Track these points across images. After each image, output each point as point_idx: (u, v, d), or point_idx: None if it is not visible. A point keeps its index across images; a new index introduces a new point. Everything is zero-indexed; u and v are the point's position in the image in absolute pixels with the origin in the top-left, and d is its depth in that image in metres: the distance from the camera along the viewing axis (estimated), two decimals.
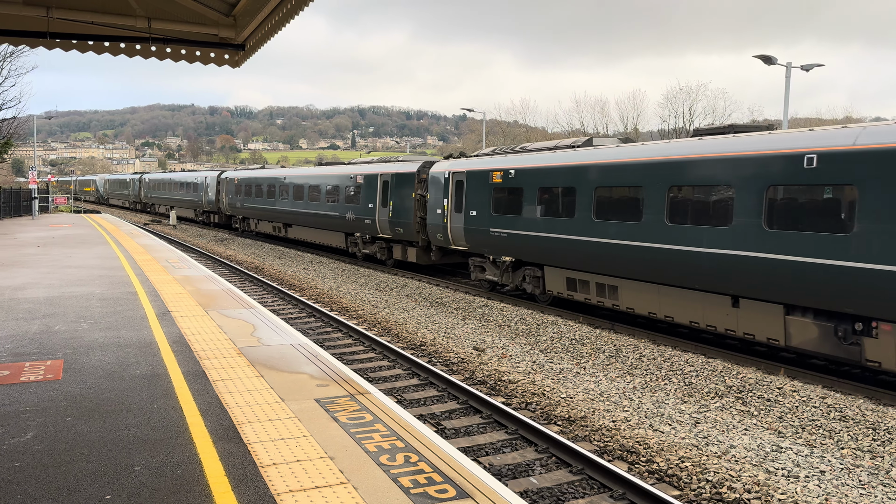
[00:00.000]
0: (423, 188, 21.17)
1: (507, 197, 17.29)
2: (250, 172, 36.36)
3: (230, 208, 38.70)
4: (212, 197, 41.57)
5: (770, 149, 10.98)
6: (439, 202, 19.98)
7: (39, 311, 10.76)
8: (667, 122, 56.86)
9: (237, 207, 37.39)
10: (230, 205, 38.47)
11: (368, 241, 24.78)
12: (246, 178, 36.08)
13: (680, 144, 13.01)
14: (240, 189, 36.66)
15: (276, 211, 32.01)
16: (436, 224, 20.17)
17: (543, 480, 7.17)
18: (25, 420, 5.89)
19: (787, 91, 27.47)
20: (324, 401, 6.57)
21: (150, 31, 8.04)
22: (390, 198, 22.38)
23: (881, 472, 7.31)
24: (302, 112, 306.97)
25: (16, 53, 38.08)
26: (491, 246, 17.96)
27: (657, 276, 13.05)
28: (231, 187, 38.05)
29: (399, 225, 22.03)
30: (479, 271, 18.94)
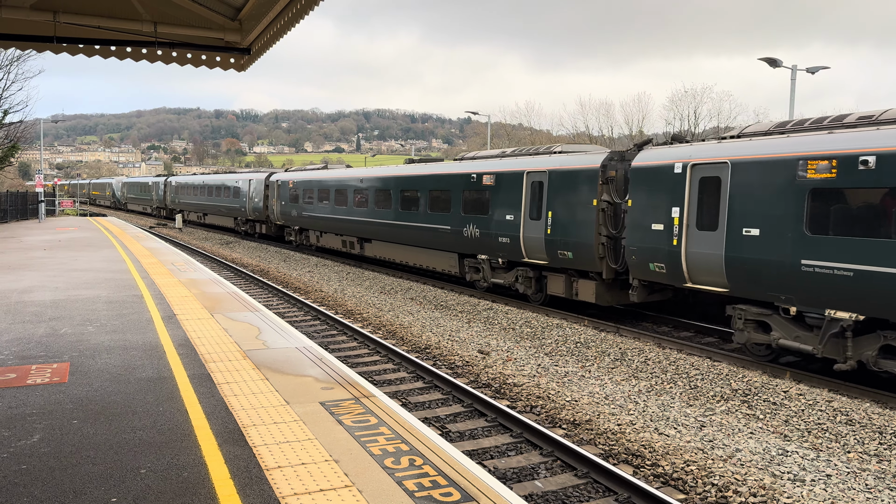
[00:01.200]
0: (611, 190, 14.70)
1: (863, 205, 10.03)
2: (311, 174, 29.91)
3: (283, 217, 32.09)
4: (258, 203, 35.29)
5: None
6: (658, 212, 13.16)
7: (46, 313, 10.80)
8: (672, 124, 56.80)
9: (292, 216, 30.85)
10: (283, 213, 31.93)
11: (501, 267, 17.96)
12: (306, 181, 29.50)
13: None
14: (297, 194, 30.37)
15: (350, 222, 25.57)
16: (650, 247, 13.27)
17: (548, 484, 7.16)
18: (32, 423, 5.91)
19: (793, 93, 27.41)
20: (329, 404, 6.58)
21: (156, 36, 8.07)
22: (547, 206, 15.84)
23: (888, 476, 7.28)
24: (307, 115, 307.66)
25: (23, 58, 38.30)
26: (819, 291, 10.42)
27: None
28: (285, 192, 31.68)
29: (564, 246, 15.37)
30: (753, 329, 11.75)
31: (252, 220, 37.58)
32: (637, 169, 13.84)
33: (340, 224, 26.41)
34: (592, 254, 14.74)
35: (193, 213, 48.41)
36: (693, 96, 56.77)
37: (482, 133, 70.49)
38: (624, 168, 14.72)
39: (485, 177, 18.08)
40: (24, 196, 44.40)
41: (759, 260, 11.19)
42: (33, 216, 43.71)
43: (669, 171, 13.04)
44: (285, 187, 31.91)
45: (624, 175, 14.71)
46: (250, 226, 38.22)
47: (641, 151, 14.13)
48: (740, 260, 11.52)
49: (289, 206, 31.35)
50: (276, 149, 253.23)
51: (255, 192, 35.90)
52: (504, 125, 73.54)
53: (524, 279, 17.08)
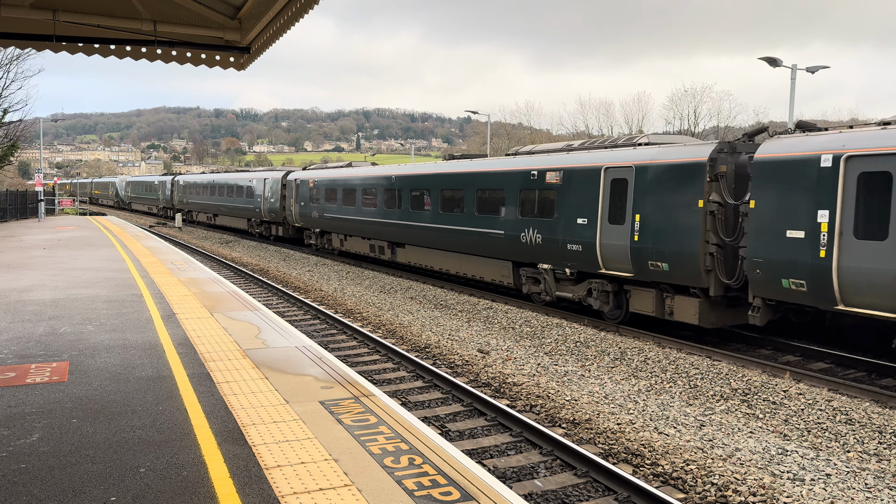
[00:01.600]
0: (721, 189, 12.22)
1: None
2: (334, 172, 27.72)
3: (302, 219, 29.97)
4: (274, 204, 33.17)
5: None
6: (796, 216, 10.90)
7: (45, 312, 10.80)
8: (672, 124, 56.81)
9: (313, 218, 28.76)
10: (303, 215, 29.76)
11: (568, 279, 15.43)
12: (329, 180, 27.44)
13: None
14: (317, 194, 28.26)
15: (379, 225, 23.43)
16: (783, 259, 11.03)
17: (548, 483, 7.16)
18: (31, 422, 5.91)
19: (793, 93, 27.41)
20: (328, 403, 6.57)
21: (155, 35, 8.07)
22: (634, 208, 13.54)
23: (887, 476, 7.28)
24: (307, 114, 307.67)
25: (22, 56, 38.30)
26: None
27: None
28: (304, 192, 29.63)
29: (657, 255, 13.01)
30: None
31: (267, 222, 35.37)
32: (763, 163, 11.37)
33: (368, 227, 24.25)
34: (697, 265, 12.22)
35: (203, 214, 45.80)
36: (693, 96, 56.87)
37: (482, 132, 70.48)
38: (734, 162, 12.35)
39: (549, 174, 15.67)
40: (24, 195, 44.41)
41: None
42: (33, 215, 43.71)
43: (813, 165, 10.68)
44: (305, 187, 29.72)
45: (734, 171, 12.35)
46: (265, 228, 36.05)
47: (769, 141, 11.66)
48: None
49: (309, 207, 29.17)
50: (275, 148, 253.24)
51: (270, 191, 33.84)
52: (504, 124, 73.57)
53: (600, 293, 14.52)
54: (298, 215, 30.45)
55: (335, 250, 28.30)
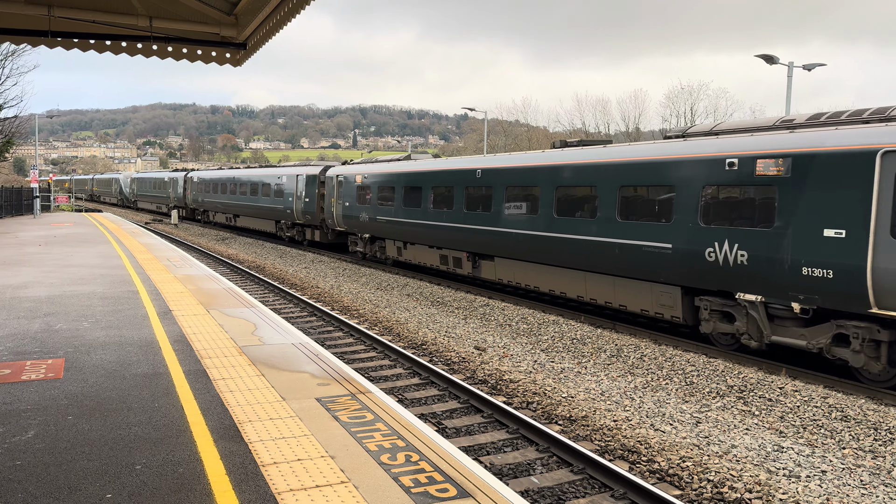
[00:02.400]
0: None
1: None
2: (388, 166, 23.58)
3: (347, 222, 25.89)
4: (309, 204, 29.07)
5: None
6: None
7: (41, 309, 10.77)
8: (668, 121, 56.86)
9: (361, 222, 24.54)
10: (348, 217, 25.67)
11: (793, 318, 10.87)
12: (383, 176, 23.21)
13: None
14: (368, 193, 23.96)
15: (455, 231, 18.98)
16: None
17: (544, 480, 7.17)
18: (27, 419, 5.89)
19: (789, 91, 27.44)
20: (325, 400, 6.57)
21: (151, 30, 8.04)
22: None
23: (882, 472, 7.30)
24: (303, 111, 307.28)
25: (17, 52, 38.18)
26: None
27: None
28: (349, 190, 25.38)
29: None
30: None
31: (301, 225, 30.96)
32: None
33: (440, 233, 19.60)
34: None
35: (221, 215, 41.69)
36: (689, 93, 56.91)
37: (479, 129, 70.45)
38: None
39: (761, 162, 11.05)
40: (19, 192, 44.26)
41: None
42: (28, 212, 43.58)
43: None
44: (350, 184, 25.44)
45: None
46: (298, 231, 31.50)
47: None
48: None
49: (356, 209, 24.91)
50: (272, 145, 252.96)
51: (305, 190, 29.39)
52: (501, 121, 73.54)
53: (866, 344, 9.90)
54: (341, 217, 26.17)
55: (389, 260, 23.61)
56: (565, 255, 15.22)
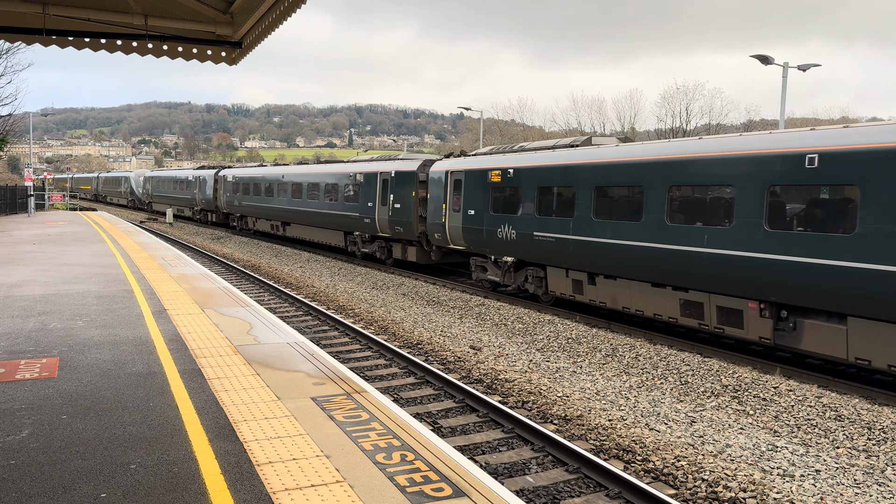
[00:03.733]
0: None
1: None
2: (561, 156, 15.70)
3: (469, 239, 18.40)
4: (402, 212, 21.80)
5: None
6: None
7: (35, 308, 10.73)
8: (664, 121, 56.95)
9: (501, 240, 17.11)
10: (470, 231, 18.31)
11: None
12: (553, 171, 15.70)
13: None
14: (511, 197, 16.87)
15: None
16: None
17: (539, 479, 7.17)
18: (21, 418, 5.87)
19: (784, 91, 27.51)
20: (320, 399, 6.56)
21: (146, 29, 8.02)
22: None
23: (876, 472, 7.33)
24: (299, 110, 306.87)
25: (12, 50, 38.07)
26: None
27: None
28: (478, 193, 18.03)
29: None
30: None
31: (386, 239, 23.55)
32: None
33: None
34: None
35: (265, 222, 34.19)
36: (685, 93, 56.98)
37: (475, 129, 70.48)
38: None
39: None
40: (14, 190, 44.09)
41: None
42: (22, 210, 43.43)
43: None
44: (479, 184, 17.96)
45: None
46: (380, 247, 23.92)
47: None
48: None
49: (489, 219, 17.52)
50: (267, 143, 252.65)
51: (393, 192, 22.26)
52: (497, 121, 73.54)
53: None
54: (461, 231, 18.67)
55: (550, 297, 16.33)
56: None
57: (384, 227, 22.90)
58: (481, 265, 18.59)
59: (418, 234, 21.30)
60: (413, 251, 22.06)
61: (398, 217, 22.01)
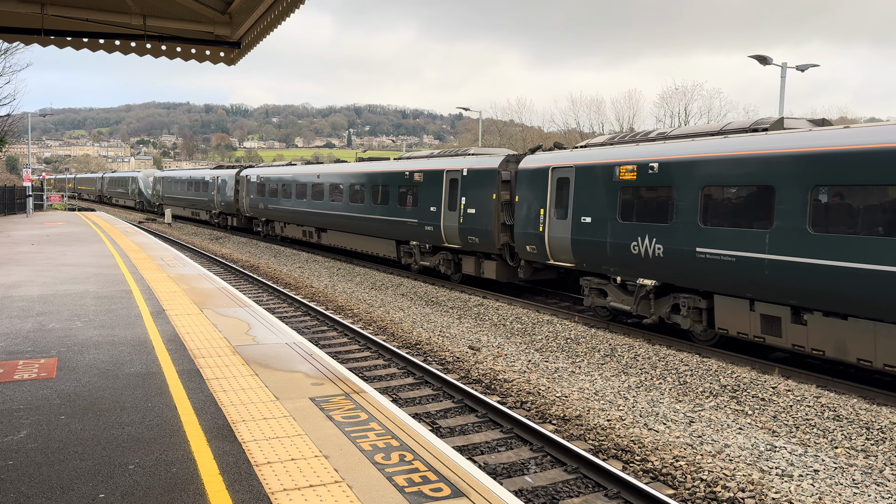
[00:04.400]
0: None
1: None
2: (680, 147, 12.52)
3: (591, 252, 14.35)
4: (480, 219, 17.84)
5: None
6: None
7: (33, 309, 10.72)
8: (662, 121, 56.99)
9: (605, 255, 13.93)
10: (582, 247, 14.55)
11: None
12: (689, 163, 12.14)
13: None
14: (637, 200, 13.28)
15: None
16: None
17: (538, 479, 7.18)
18: (19, 418, 5.86)
19: (783, 91, 27.55)
20: (319, 399, 6.56)
21: (145, 29, 8.01)
22: None
23: (875, 472, 7.33)
24: (298, 110, 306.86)
25: (10, 50, 38.04)
26: None
27: None
28: (602, 193, 14.06)
29: None
30: None
31: (452, 250, 19.56)
32: None
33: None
34: None
35: (296, 227, 30.20)
36: (683, 93, 57.06)
37: (473, 129, 70.51)
38: None
39: None
40: (12, 190, 44.06)
41: None
42: (21, 211, 43.39)
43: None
44: (596, 180, 14.16)
45: None
46: (445, 261, 19.96)
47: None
48: None
49: (643, 231, 12.99)
50: (266, 144, 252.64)
51: (473, 192, 18.13)
52: (495, 121, 73.57)
53: None
54: (584, 244, 14.44)
55: (718, 335, 12.27)
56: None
57: (452, 236, 18.99)
58: (598, 288, 14.56)
59: (500, 245, 17.42)
60: (492, 266, 17.91)
61: (472, 224, 18.07)
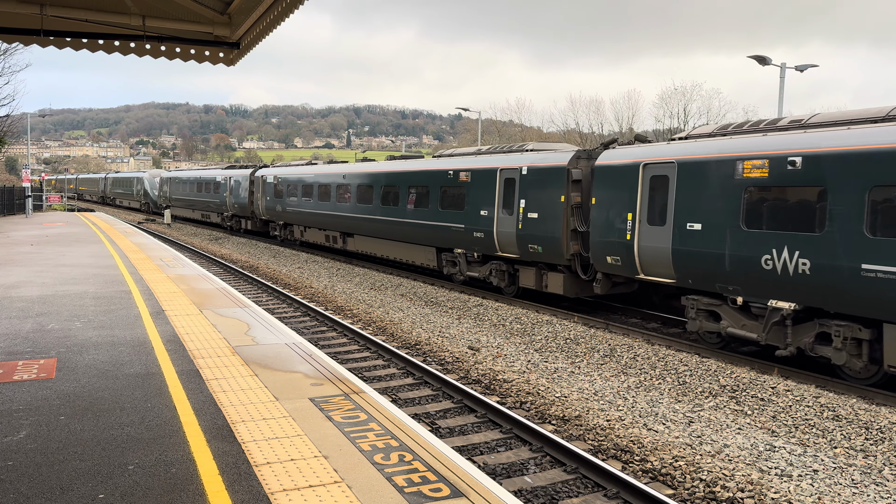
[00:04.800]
0: None
1: None
2: (835, 137, 10.13)
3: (682, 267, 12.35)
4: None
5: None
6: None
7: (33, 309, 10.72)
8: (662, 121, 57.02)
9: (722, 270, 11.60)
10: (687, 259, 12.23)
11: None
12: (851, 156, 9.77)
13: None
14: (770, 203, 10.98)
15: None
16: None
17: (538, 479, 7.18)
18: (18, 419, 5.87)
19: (781, 91, 27.57)
20: (318, 400, 6.56)
21: (144, 30, 8.01)
22: None
23: (873, 471, 7.34)
24: (297, 111, 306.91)
25: (9, 51, 38.02)
26: None
27: None
28: (712, 197, 11.83)
29: None
30: None
31: (512, 260, 17.14)
32: None
33: None
34: None
35: (319, 232, 27.58)
36: (683, 94, 57.06)
37: (473, 129, 70.53)
38: None
39: None
40: (11, 191, 44.04)
41: None
42: (20, 211, 43.37)
43: None
44: (709, 178, 12.01)
45: None
46: (500, 271, 17.58)
47: None
48: None
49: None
50: (265, 144, 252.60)
51: (534, 194, 15.93)
52: (495, 122, 73.58)
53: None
54: (691, 256, 12.30)
55: (879, 374, 10.20)
56: None
57: (507, 243, 16.64)
58: (708, 309, 12.39)
59: (569, 255, 15.20)
60: (558, 279, 15.56)
61: (534, 231, 15.74)
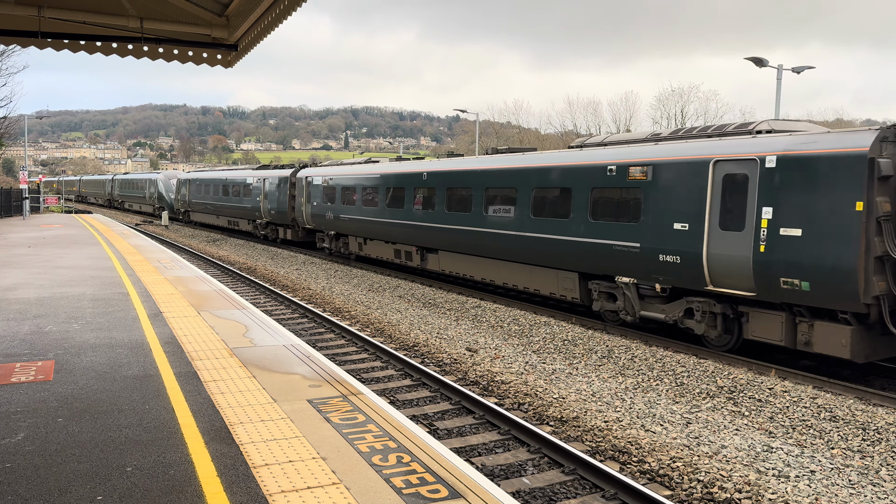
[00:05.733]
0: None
1: None
2: None
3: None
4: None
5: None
6: None
7: (30, 311, 10.71)
8: (659, 123, 57.10)
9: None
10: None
11: None
12: None
13: None
14: None
15: None
16: None
17: (535, 480, 7.19)
18: (16, 421, 5.86)
19: (779, 93, 27.62)
20: (316, 401, 6.57)
21: (142, 31, 8.02)
22: None
23: (871, 472, 7.36)
24: (295, 112, 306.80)
25: (7, 53, 38.00)
26: None
27: None
28: None
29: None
30: None
31: (732, 300, 11.73)
32: None
33: None
34: None
35: (386, 245, 22.90)
36: (680, 95, 57.16)
37: (470, 131, 70.55)
38: None
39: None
40: (8, 192, 43.96)
41: None
42: (17, 213, 43.31)
43: None
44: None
45: None
46: (711, 315, 12.01)
47: None
48: None
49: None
50: (263, 146, 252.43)
51: (806, 197, 10.31)
52: (493, 123, 73.60)
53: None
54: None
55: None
56: None
57: (730, 274, 11.37)
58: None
59: (871, 297, 9.82)
60: (839, 334, 10.28)
61: (794, 256, 10.46)
